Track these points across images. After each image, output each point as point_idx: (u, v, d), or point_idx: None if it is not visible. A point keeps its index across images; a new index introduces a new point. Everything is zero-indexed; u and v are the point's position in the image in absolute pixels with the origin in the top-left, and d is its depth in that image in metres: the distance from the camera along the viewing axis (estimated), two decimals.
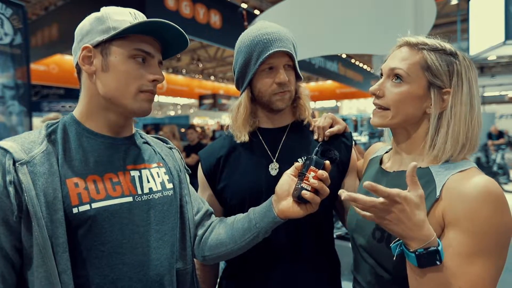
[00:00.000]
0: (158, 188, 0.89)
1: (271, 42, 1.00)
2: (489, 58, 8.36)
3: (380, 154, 1.02)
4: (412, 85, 0.82)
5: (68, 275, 0.72)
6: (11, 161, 0.71)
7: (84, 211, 0.76)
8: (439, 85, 0.80)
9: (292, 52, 1.03)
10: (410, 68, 0.82)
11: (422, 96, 0.82)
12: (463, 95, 0.79)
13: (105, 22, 0.79)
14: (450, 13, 11.14)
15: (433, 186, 0.77)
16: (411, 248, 0.67)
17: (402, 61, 0.83)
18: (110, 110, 0.84)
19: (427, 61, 0.81)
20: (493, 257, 0.69)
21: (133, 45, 0.80)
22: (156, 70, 0.84)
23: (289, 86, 1.04)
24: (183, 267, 0.93)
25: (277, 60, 1.02)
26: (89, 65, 0.81)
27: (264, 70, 1.03)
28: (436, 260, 0.66)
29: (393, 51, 0.88)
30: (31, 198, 0.70)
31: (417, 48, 0.83)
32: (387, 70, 0.86)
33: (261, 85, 1.05)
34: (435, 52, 0.81)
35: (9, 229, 0.72)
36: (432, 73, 0.80)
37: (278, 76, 1.02)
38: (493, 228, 0.69)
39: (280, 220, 0.88)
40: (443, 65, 0.80)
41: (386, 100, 0.85)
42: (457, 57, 0.81)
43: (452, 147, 0.79)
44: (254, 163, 1.09)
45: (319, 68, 10.79)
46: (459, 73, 0.80)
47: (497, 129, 9.70)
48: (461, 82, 0.80)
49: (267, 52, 1.00)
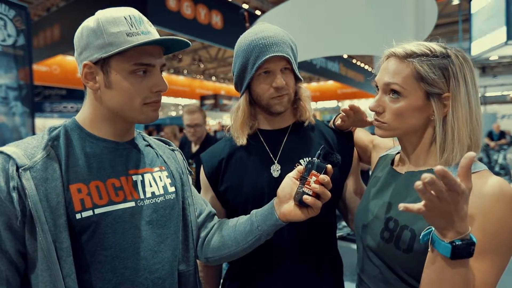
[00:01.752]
0: (161, 192, 0.90)
1: (267, 47, 1.00)
2: (491, 58, 8.34)
3: (392, 154, 1.00)
4: (410, 98, 0.81)
5: (73, 279, 0.73)
6: (15, 167, 0.71)
7: (87, 216, 0.76)
8: (437, 92, 0.79)
9: (289, 56, 1.02)
10: (404, 82, 0.80)
11: (423, 106, 0.81)
12: (461, 97, 0.78)
13: (100, 37, 0.77)
14: (452, 13, 11.13)
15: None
16: (446, 238, 0.64)
17: (394, 75, 0.81)
18: (116, 120, 0.84)
19: (420, 73, 0.79)
20: (500, 256, 0.70)
21: (132, 60, 0.78)
22: (159, 80, 0.83)
23: (286, 90, 1.04)
24: (186, 269, 0.94)
25: (273, 65, 1.02)
26: (92, 82, 0.81)
27: (261, 74, 1.03)
28: (471, 252, 0.63)
29: (382, 62, 0.87)
30: (35, 203, 0.71)
31: (406, 61, 0.81)
32: (382, 85, 0.85)
33: (259, 90, 1.05)
34: (426, 60, 0.79)
35: (13, 234, 0.72)
36: (428, 83, 0.79)
37: (275, 81, 1.02)
38: (506, 228, 0.69)
39: (282, 223, 0.88)
40: (437, 73, 0.78)
41: (387, 116, 0.84)
42: (449, 58, 0.79)
43: (461, 152, 0.78)
44: (256, 164, 1.09)
45: (320, 68, 10.79)
46: (455, 75, 0.78)
47: (499, 128, 9.65)
48: (457, 83, 0.78)
49: (263, 57, 0.99)
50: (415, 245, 0.76)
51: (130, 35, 0.77)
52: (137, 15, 0.81)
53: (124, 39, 0.77)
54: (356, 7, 2.48)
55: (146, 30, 0.80)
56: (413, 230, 0.77)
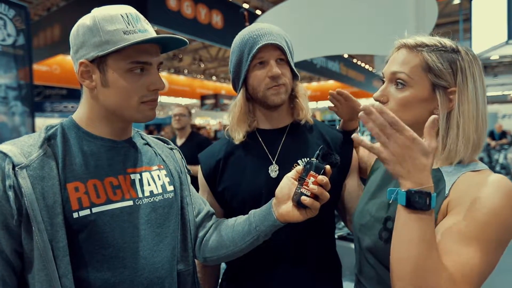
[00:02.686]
0: (159, 191, 0.89)
1: (260, 36, 1.01)
2: (492, 58, 8.34)
3: None
4: (415, 88, 0.80)
5: (69, 279, 0.72)
6: (11, 165, 0.71)
7: (84, 215, 0.76)
8: (443, 85, 0.78)
9: (283, 46, 1.02)
10: (411, 71, 0.80)
11: (428, 98, 0.80)
12: (469, 92, 0.77)
13: (97, 35, 0.76)
14: (452, 12, 11.11)
15: (442, 186, 0.76)
16: (403, 188, 0.65)
17: (402, 64, 0.81)
18: (113, 118, 0.84)
19: (428, 63, 0.79)
20: (489, 249, 0.67)
21: (129, 58, 0.78)
22: (156, 78, 0.82)
23: (283, 79, 1.03)
24: (185, 269, 0.93)
25: (267, 54, 1.02)
26: (89, 80, 0.80)
27: (256, 65, 1.03)
28: (426, 204, 0.63)
29: (392, 53, 0.87)
30: (31, 202, 0.70)
31: (416, 50, 0.81)
32: (388, 74, 0.84)
33: (254, 80, 1.04)
34: (435, 52, 0.79)
35: (9, 233, 0.72)
36: (435, 74, 0.78)
37: (270, 69, 1.01)
38: (498, 220, 0.67)
39: (280, 224, 0.88)
40: (445, 65, 0.78)
41: (391, 106, 0.83)
42: (459, 53, 0.79)
43: (465, 147, 0.76)
44: (254, 165, 1.09)
45: (320, 68, 10.78)
46: (463, 70, 0.77)
47: (501, 128, 9.64)
48: (465, 79, 0.77)
49: (257, 46, 1.00)
50: None
51: (127, 33, 0.77)
52: (134, 13, 0.81)
53: (121, 37, 0.76)
54: (356, 6, 2.48)
55: (143, 28, 0.80)
56: None
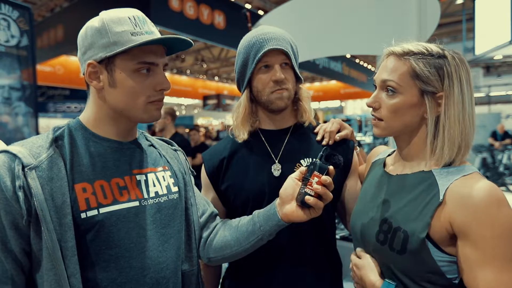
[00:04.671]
0: (164, 191, 0.90)
1: (267, 41, 1.03)
2: (495, 58, 8.30)
3: (383, 157, 1.02)
4: (405, 95, 0.83)
5: (77, 279, 0.73)
6: (20, 166, 0.72)
7: (92, 216, 0.77)
8: (431, 91, 0.81)
9: (288, 51, 1.04)
10: (400, 78, 0.83)
11: (417, 103, 0.83)
12: (455, 96, 0.79)
13: (105, 36, 0.78)
14: (455, 12, 11.07)
15: (436, 190, 0.78)
16: None
17: (391, 72, 0.84)
18: (119, 119, 0.85)
19: (416, 70, 0.81)
20: (504, 260, 0.69)
21: (136, 58, 0.79)
22: (162, 78, 0.84)
23: (286, 84, 1.05)
24: (189, 269, 0.94)
25: (272, 58, 1.04)
26: (96, 81, 0.81)
27: (261, 69, 1.06)
28: None
29: (382, 60, 0.89)
30: (40, 202, 0.71)
31: (403, 58, 0.83)
32: (379, 82, 0.87)
33: (259, 84, 1.06)
34: (422, 58, 0.81)
35: (18, 233, 0.73)
36: (423, 80, 0.81)
37: (274, 74, 1.04)
38: (502, 231, 0.69)
39: (284, 224, 0.89)
40: (432, 71, 0.80)
41: (383, 112, 0.86)
42: (445, 59, 0.81)
43: (450, 150, 0.79)
44: (257, 163, 1.10)
45: (323, 68, 10.77)
46: (450, 75, 0.80)
47: (504, 128, 9.60)
48: (452, 83, 0.80)
49: (263, 50, 1.02)
50: (408, 246, 0.77)
51: (135, 34, 0.79)
52: (141, 15, 0.83)
53: (128, 38, 0.78)
54: (358, 6, 2.48)
55: (150, 30, 0.82)
56: (405, 232, 0.78)
